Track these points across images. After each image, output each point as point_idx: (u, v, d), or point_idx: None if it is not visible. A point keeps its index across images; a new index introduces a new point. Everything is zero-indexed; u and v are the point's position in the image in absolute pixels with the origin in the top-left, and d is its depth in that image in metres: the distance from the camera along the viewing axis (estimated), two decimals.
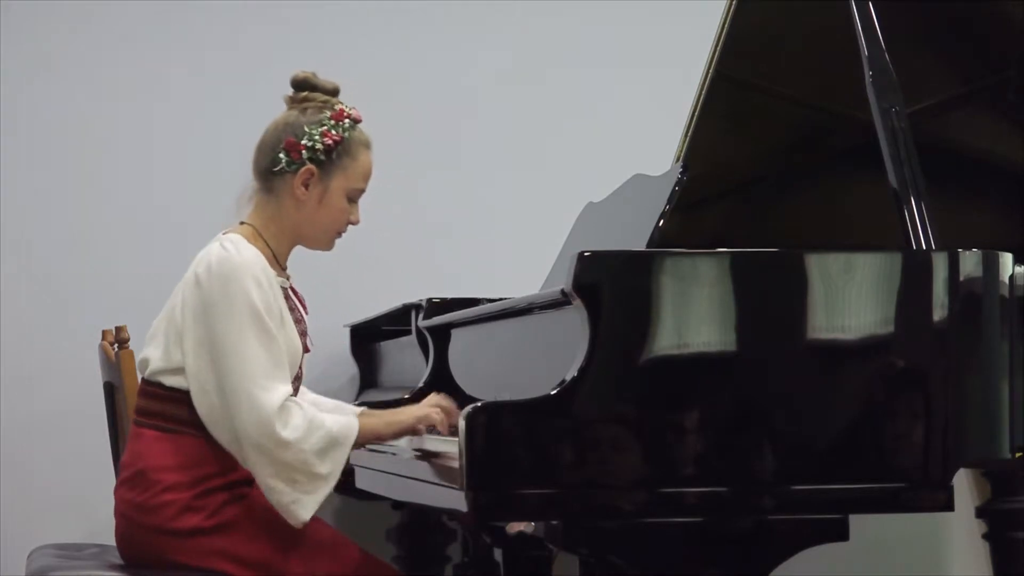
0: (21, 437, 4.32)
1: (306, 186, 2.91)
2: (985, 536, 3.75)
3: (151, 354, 2.91)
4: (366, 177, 2.97)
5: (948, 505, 2.55)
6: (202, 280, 2.83)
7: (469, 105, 4.63)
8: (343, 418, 2.86)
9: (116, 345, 3.28)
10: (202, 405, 2.83)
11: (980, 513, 3.76)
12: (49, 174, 4.42)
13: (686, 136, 3.52)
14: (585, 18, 4.70)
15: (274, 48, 4.52)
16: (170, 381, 2.87)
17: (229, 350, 2.78)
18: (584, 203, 3.56)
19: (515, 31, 4.67)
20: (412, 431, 2.93)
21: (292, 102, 2.97)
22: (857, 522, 2.56)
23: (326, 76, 3.02)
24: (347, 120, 2.93)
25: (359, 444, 2.86)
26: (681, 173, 2.96)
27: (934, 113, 3.32)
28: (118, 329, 3.28)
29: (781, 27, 3.42)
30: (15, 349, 4.35)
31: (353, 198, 2.96)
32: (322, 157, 2.90)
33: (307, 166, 2.90)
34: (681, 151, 3.53)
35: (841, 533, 2.55)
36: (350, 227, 3.00)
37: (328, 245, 3.01)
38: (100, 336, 3.45)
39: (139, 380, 2.97)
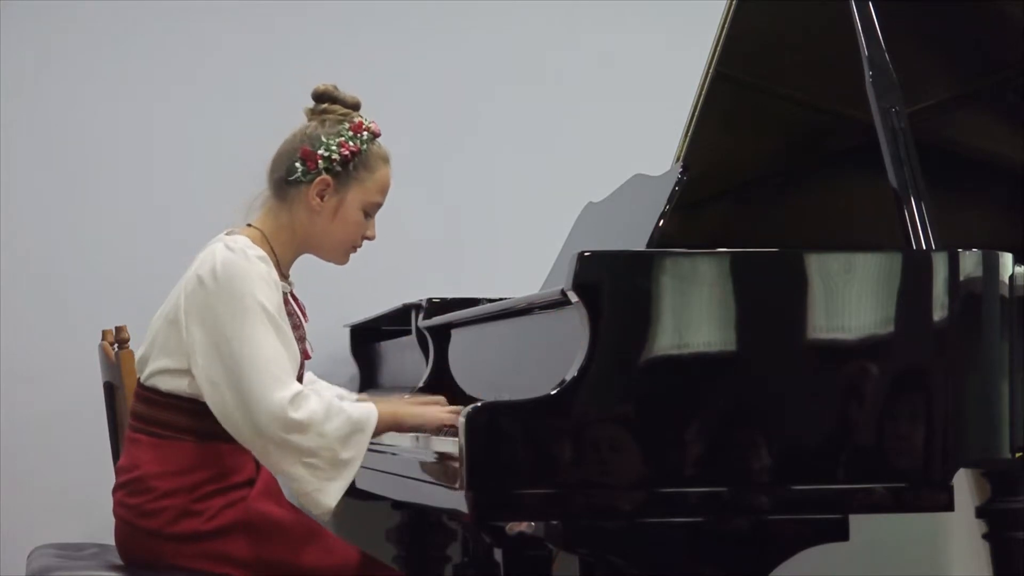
0: (21, 437, 4.32)
1: (321, 197, 2.88)
2: (985, 536, 3.74)
3: (149, 355, 2.88)
4: (383, 191, 2.94)
5: (948, 505, 2.55)
6: (206, 282, 2.79)
7: (469, 105, 4.63)
8: (362, 404, 2.83)
9: (116, 345, 3.27)
10: (216, 404, 2.78)
11: (980, 513, 3.75)
12: (49, 174, 4.41)
13: (686, 136, 3.52)
14: (585, 18, 4.70)
15: (274, 48, 4.52)
16: (167, 385, 2.84)
17: (239, 345, 2.74)
18: (584, 203, 3.56)
19: (515, 31, 4.67)
20: (430, 427, 2.88)
21: (311, 114, 2.94)
22: (857, 522, 2.56)
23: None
24: (365, 132, 2.91)
25: (378, 432, 2.80)
26: (681, 173, 2.96)
27: (934, 113, 3.32)
28: (118, 329, 3.28)
29: (781, 27, 3.42)
30: (15, 349, 4.34)
31: (370, 212, 2.93)
32: (338, 168, 2.88)
33: (322, 176, 2.87)
34: (681, 151, 3.53)
35: (841, 533, 2.55)
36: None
37: (342, 259, 2.98)
38: (100, 336, 3.45)
39: (137, 381, 2.96)
